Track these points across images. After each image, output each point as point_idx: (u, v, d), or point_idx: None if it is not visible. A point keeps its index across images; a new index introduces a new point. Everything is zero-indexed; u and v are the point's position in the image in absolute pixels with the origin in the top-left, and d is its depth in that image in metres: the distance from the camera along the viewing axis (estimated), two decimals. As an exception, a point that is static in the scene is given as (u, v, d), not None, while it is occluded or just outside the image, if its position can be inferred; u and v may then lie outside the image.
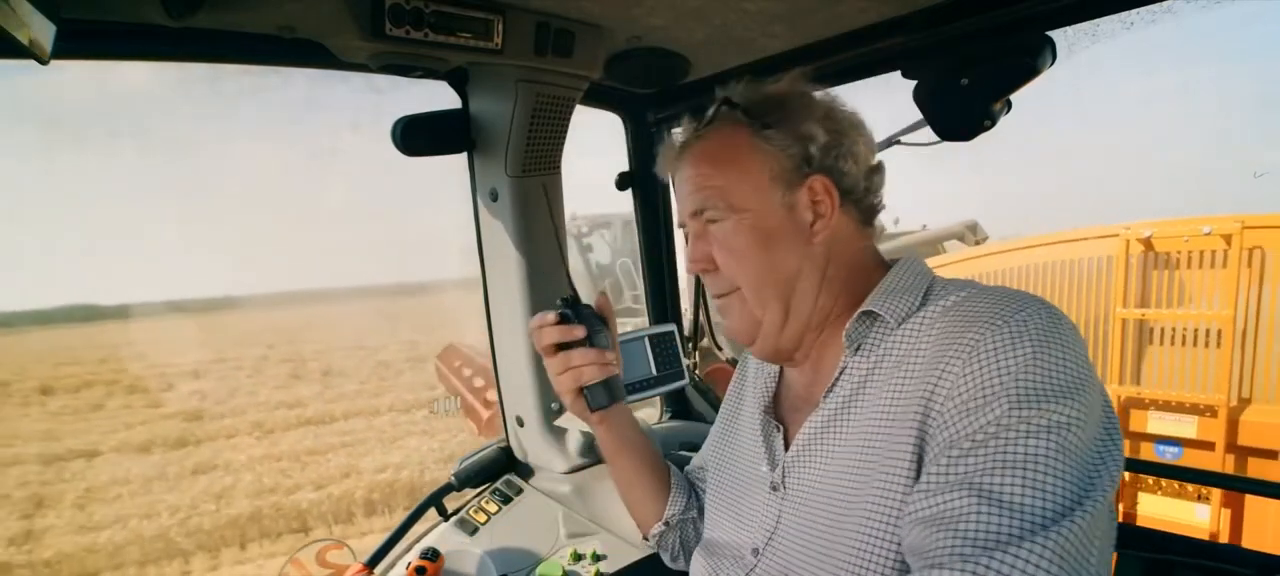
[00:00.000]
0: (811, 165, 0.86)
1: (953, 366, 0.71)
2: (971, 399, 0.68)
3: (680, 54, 1.45)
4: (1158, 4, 1.05)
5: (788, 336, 0.90)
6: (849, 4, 1.19)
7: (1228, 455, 3.61)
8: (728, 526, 0.98)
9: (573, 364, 1.00)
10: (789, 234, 0.87)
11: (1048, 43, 1.14)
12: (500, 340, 1.65)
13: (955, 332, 0.73)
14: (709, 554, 0.99)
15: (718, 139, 0.90)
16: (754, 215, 0.87)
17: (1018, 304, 0.72)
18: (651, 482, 1.14)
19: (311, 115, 73.35)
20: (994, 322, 0.70)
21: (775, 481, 0.89)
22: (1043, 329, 0.68)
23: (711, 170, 0.89)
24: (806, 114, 0.87)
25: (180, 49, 1.13)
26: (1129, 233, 3.90)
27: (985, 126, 1.21)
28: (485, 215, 1.55)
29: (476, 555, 1.46)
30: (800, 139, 0.86)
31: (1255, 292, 3.57)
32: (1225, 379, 3.60)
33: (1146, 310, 3.89)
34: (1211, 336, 3.69)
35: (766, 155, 0.86)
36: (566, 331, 1.00)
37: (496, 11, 1.17)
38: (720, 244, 0.90)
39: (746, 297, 0.90)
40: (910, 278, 0.86)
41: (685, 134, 0.96)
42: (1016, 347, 0.67)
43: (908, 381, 0.76)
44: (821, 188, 0.86)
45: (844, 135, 0.87)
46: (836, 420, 0.83)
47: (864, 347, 0.84)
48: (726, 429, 1.09)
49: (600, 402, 1.01)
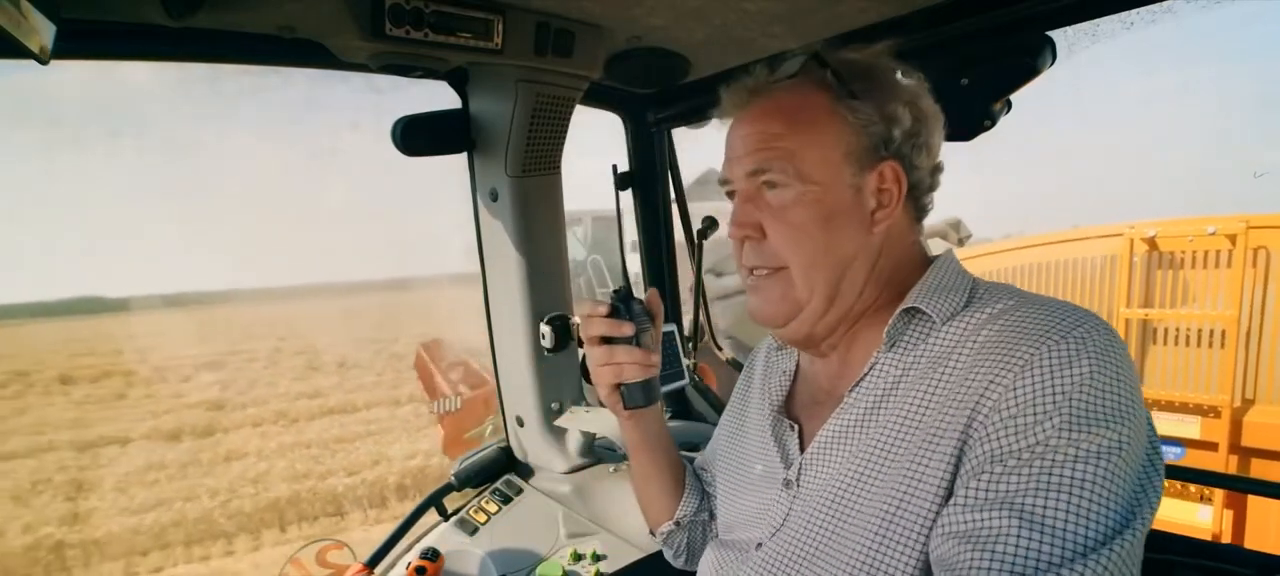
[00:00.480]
0: (889, 148, 0.80)
1: (1003, 379, 0.67)
2: (1020, 414, 0.65)
3: (680, 54, 1.45)
4: (1158, 4, 1.05)
5: (825, 323, 0.85)
6: (849, 4, 1.18)
7: (1231, 456, 3.60)
8: (737, 523, 0.96)
9: (616, 359, 0.96)
10: (851, 217, 0.81)
11: (1048, 43, 1.13)
12: (500, 340, 1.65)
13: (1007, 345, 0.69)
14: (718, 548, 0.98)
15: (798, 95, 0.82)
16: (821, 189, 0.80)
17: (1074, 319, 0.68)
18: (668, 481, 1.12)
19: (312, 115, 71.32)
20: (1049, 338, 0.67)
21: (789, 478, 0.87)
22: (1100, 348, 0.66)
23: (785, 129, 0.81)
24: (895, 92, 0.81)
25: (180, 49, 1.13)
26: (1133, 232, 3.90)
27: (985, 126, 1.21)
28: (485, 215, 1.55)
29: (476, 555, 1.46)
30: (885, 118, 0.80)
31: (1260, 293, 3.56)
32: (1229, 379, 3.59)
33: (1150, 310, 3.88)
34: (1215, 337, 3.68)
35: (847, 127, 0.80)
36: (614, 326, 0.95)
37: (496, 11, 1.17)
38: (775, 214, 0.83)
39: (793, 278, 0.83)
40: (953, 276, 0.82)
41: (755, 82, 0.86)
42: (1072, 366, 0.64)
43: (944, 385, 0.73)
44: (892, 175, 0.81)
45: (924, 124, 0.82)
46: (867, 420, 0.80)
47: (900, 344, 0.80)
48: (735, 427, 1.07)
49: (636, 402, 0.98)
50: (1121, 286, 3.94)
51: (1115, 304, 3.96)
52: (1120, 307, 3.93)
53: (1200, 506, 3.66)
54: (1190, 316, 3.76)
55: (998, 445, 0.66)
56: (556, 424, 1.62)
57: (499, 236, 1.53)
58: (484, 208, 1.54)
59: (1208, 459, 3.65)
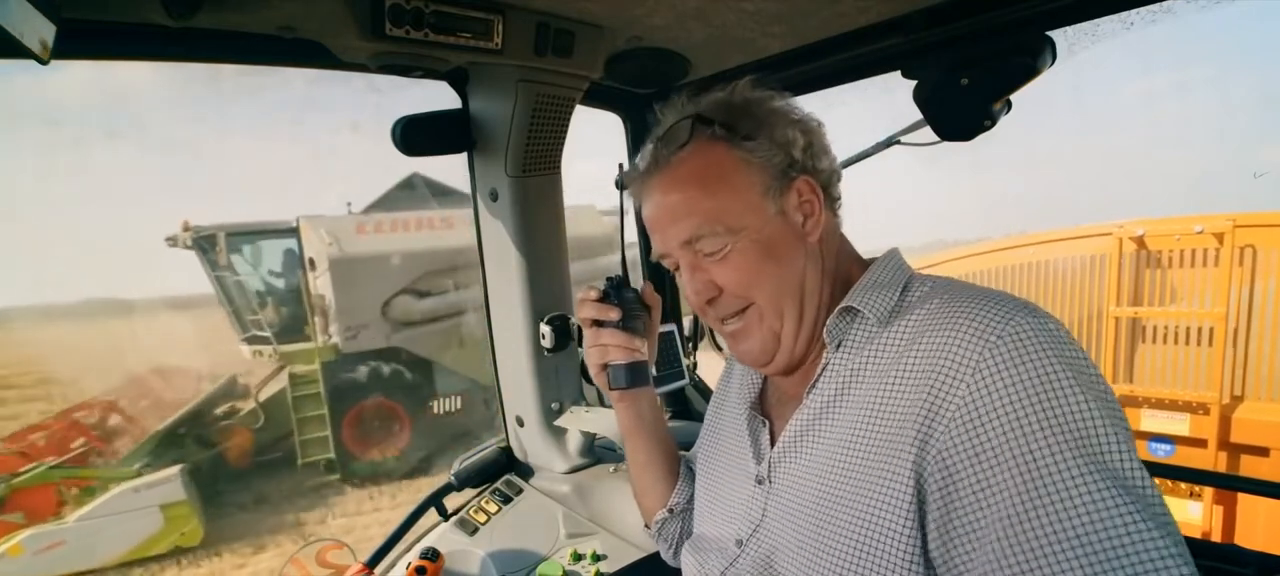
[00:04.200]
0: (794, 169, 0.85)
1: (956, 391, 0.69)
2: (1004, 447, 0.66)
3: (680, 54, 1.45)
4: (1158, 4, 1.06)
5: (801, 342, 0.88)
6: (849, 4, 1.19)
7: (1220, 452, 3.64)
8: (713, 520, 0.98)
9: (601, 341, 1.04)
10: (788, 239, 0.85)
11: (1048, 43, 1.14)
12: (500, 340, 1.65)
13: (947, 344, 0.72)
14: (695, 548, 1.00)
15: (699, 159, 0.86)
16: (753, 231, 0.84)
17: (1003, 311, 0.71)
18: (661, 468, 1.15)
19: (311, 115, 69.41)
20: (990, 342, 0.69)
21: (761, 475, 0.90)
22: (1048, 342, 0.68)
23: (700, 193, 0.85)
24: (780, 119, 0.86)
25: (180, 49, 1.13)
26: (1122, 231, 3.93)
27: (985, 126, 1.22)
28: (485, 215, 1.55)
29: (477, 555, 1.46)
30: (781, 145, 0.85)
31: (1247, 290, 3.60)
32: (1217, 376, 3.64)
33: (1139, 308, 3.92)
34: (1204, 334, 3.72)
35: (752, 167, 0.84)
36: (603, 310, 1.03)
37: (496, 11, 1.17)
38: (722, 267, 0.87)
39: (763, 311, 0.87)
40: (889, 272, 0.86)
41: (655, 157, 0.90)
42: (1057, 380, 0.66)
43: (898, 388, 0.75)
44: (807, 188, 0.85)
45: (813, 134, 0.87)
46: (822, 418, 0.83)
47: (846, 344, 0.83)
48: (713, 425, 1.10)
49: (619, 383, 1.05)
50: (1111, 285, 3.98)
51: (1105, 302, 4.00)
52: (1110, 306, 3.97)
53: (1190, 502, 3.70)
54: (1179, 314, 3.80)
55: (1007, 495, 0.65)
56: (556, 424, 1.62)
57: (499, 236, 1.53)
58: (484, 208, 1.54)
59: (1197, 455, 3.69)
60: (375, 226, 9.52)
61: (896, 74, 1.32)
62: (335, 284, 9.06)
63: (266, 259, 10.34)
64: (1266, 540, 3.36)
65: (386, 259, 9.30)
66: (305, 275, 9.48)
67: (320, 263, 9.12)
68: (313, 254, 9.26)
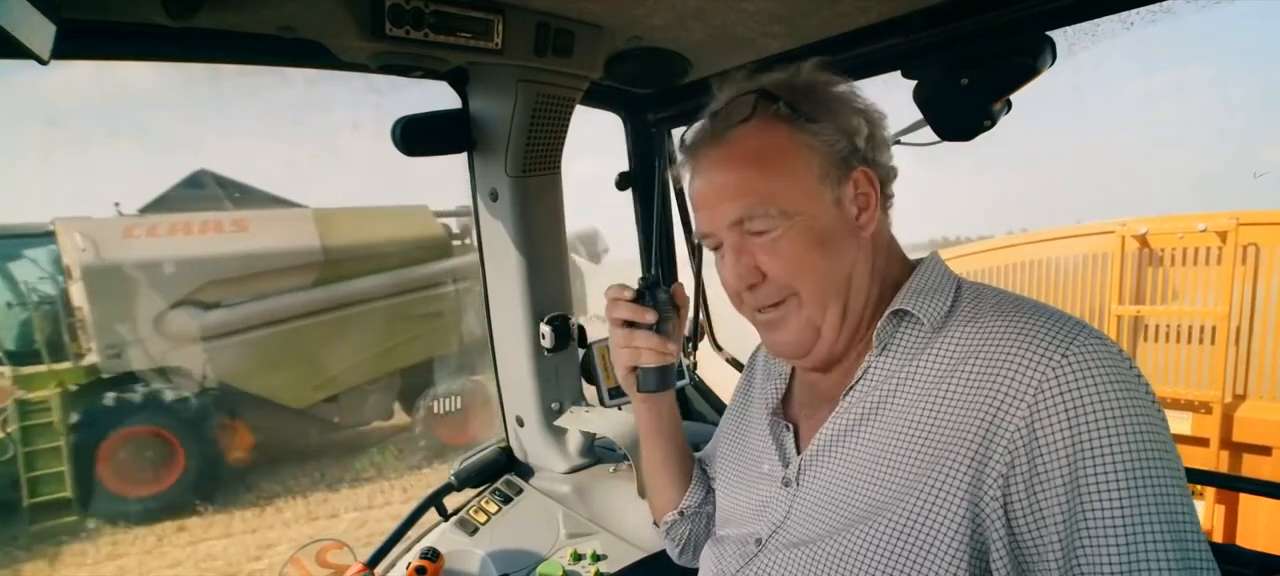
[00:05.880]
0: (856, 158, 0.82)
1: (1016, 412, 0.68)
2: (1060, 475, 0.66)
3: (680, 54, 1.45)
4: (1157, 4, 1.06)
5: (842, 339, 0.86)
6: (849, 4, 1.19)
7: (1222, 451, 3.63)
8: (736, 518, 0.97)
9: (634, 343, 0.99)
10: (840, 231, 0.82)
11: (1048, 43, 1.14)
12: (500, 340, 1.65)
13: (1007, 363, 0.71)
14: (716, 544, 0.99)
15: (759, 136, 0.82)
16: (807, 217, 0.81)
17: (1066, 332, 0.70)
18: (677, 470, 1.13)
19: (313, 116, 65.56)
20: (1054, 362, 0.68)
21: (789, 477, 0.88)
22: (1111, 368, 0.67)
23: (757, 173, 0.81)
24: (844, 105, 0.83)
25: (180, 49, 1.13)
26: (1124, 229, 3.92)
27: (985, 126, 1.21)
28: (485, 215, 1.55)
29: (477, 555, 1.46)
30: (845, 132, 0.81)
31: (1250, 289, 3.58)
32: (1220, 375, 3.62)
33: (1141, 306, 3.90)
34: (1206, 333, 3.71)
35: (813, 152, 0.81)
36: (638, 311, 0.98)
37: (496, 11, 1.17)
38: (769, 252, 0.83)
39: (804, 303, 0.84)
40: (939, 277, 0.83)
41: (712, 131, 0.86)
42: (1117, 409, 0.65)
43: (951, 404, 0.73)
44: (866, 180, 0.82)
45: (877, 126, 0.84)
46: (862, 424, 0.81)
47: (892, 349, 0.81)
48: (736, 424, 1.08)
49: (650, 387, 1.02)
50: (1113, 283, 3.96)
51: (1107, 301, 3.99)
52: (1112, 304, 3.95)
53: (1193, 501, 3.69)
54: (1181, 313, 3.78)
55: (1067, 509, 0.66)
56: (556, 424, 1.62)
57: (499, 236, 1.53)
58: (484, 208, 1.54)
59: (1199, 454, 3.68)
60: (149, 229, 7.95)
61: (896, 74, 1.32)
62: (91, 295, 7.52)
63: (21, 267, 8.44)
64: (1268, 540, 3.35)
65: (159, 266, 7.73)
66: (68, 286, 7.97)
67: (76, 271, 7.61)
68: (69, 261, 7.79)
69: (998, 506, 0.69)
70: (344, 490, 7.86)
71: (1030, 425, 0.67)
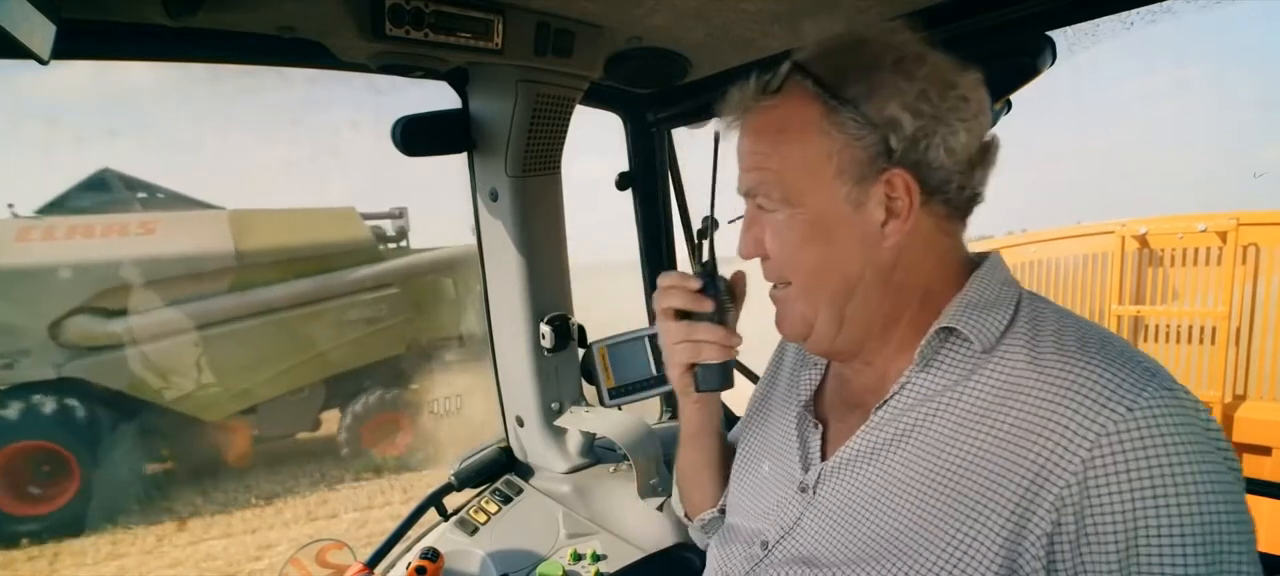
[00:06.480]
0: (891, 158, 0.71)
1: (1069, 461, 0.62)
2: (1114, 536, 0.61)
3: (680, 54, 1.45)
4: (1157, 4, 1.06)
5: (845, 340, 0.80)
6: (848, 4, 1.19)
7: (1222, 451, 3.63)
8: (744, 511, 0.92)
9: (696, 337, 0.88)
10: (852, 233, 0.74)
11: (1048, 43, 1.14)
12: (500, 340, 1.65)
13: (1064, 403, 0.64)
14: (722, 542, 0.95)
15: (782, 110, 0.75)
16: (811, 211, 0.74)
17: (1135, 378, 0.63)
18: (720, 470, 1.06)
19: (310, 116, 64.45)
20: (1126, 411, 0.61)
21: (806, 483, 0.82)
22: (1183, 424, 0.61)
23: (768, 149, 0.76)
24: (895, 90, 0.70)
25: (180, 49, 1.13)
26: (1124, 229, 3.92)
27: (985, 126, 1.21)
28: (485, 215, 1.55)
29: (477, 555, 1.46)
30: (881, 125, 0.70)
31: (1250, 289, 3.59)
32: (1220, 375, 3.63)
33: (1141, 307, 3.91)
34: (1206, 333, 3.71)
35: (835, 141, 0.72)
36: (699, 300, 0.88)
37: (496, 11, 1.17)
38: (773, 233, 0.78)
39: (797, 294, 0.79)
40: (995, 289, 0.75)
41: (742, 96, 0.80)
42: (1184, 475, 0.59)
43: (998, 440, 0.67)
44: (901, 184, 0.71)
45: (940, 122, 0.71)
46: (894, 445, 0.74)
47: (935, 365, 0.74)
48: (759, 410, 1.02)
49: (712, 385, 0.92)
50: (1113, 284, 3.97)
51: (1107, 301, 3.99)
52: (1112, 305, 3.96)
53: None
54: (1181, 313, 3.79)
55: None
56: (556, 424, 1.62)
57: (499, 236, 1.53)
58: (484, 208, 1.54)
59: (1199, 454, 3.68)
60: (45, 231, 7.43)
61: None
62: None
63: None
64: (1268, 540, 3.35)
65: (56, 271, 7.20)
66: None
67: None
68: (-47, 265, 7.24)
69: (1039, 566, 0.63)
70: (261, 509, 7.44)
71: (1083, 481, 0.61)
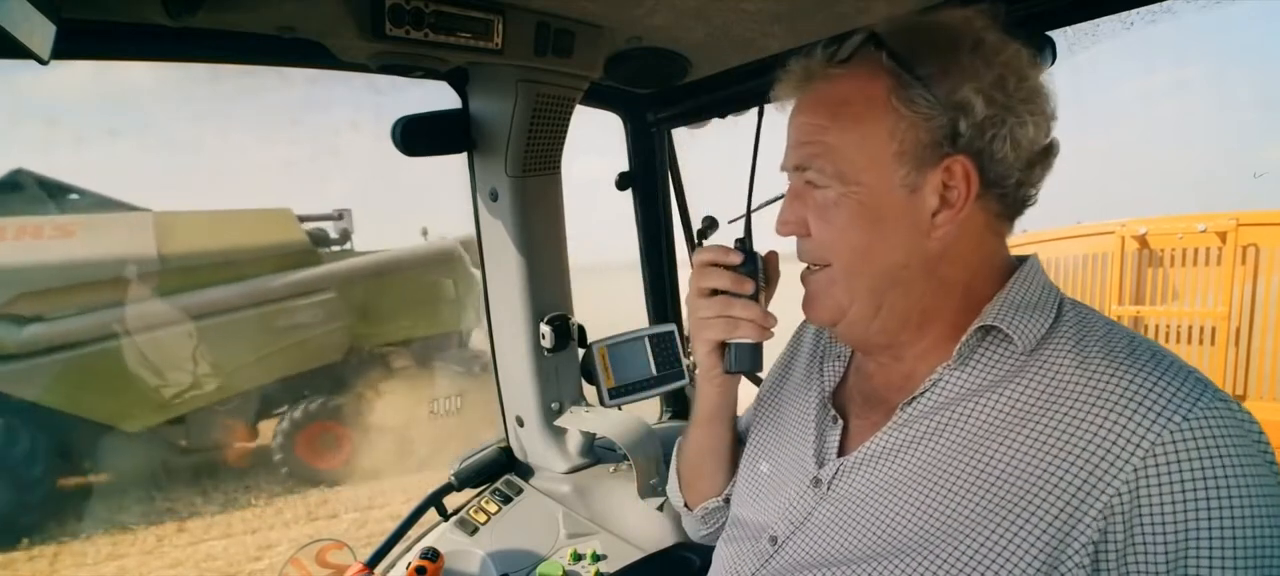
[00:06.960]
0: (956, 144, 0.68)
1: (1119, 473, 0.61)
2: (1163, 552, 0.60)
3: (680, 54, 1.45)
4: (1157, 4, 1.06)
5: (878, 330, 0.77)
6: (849, 4, 1.19)
7: (1222, 451, 3.64)
8: (752, 504, 0.90)
9: (732, 313, 0.86)
10: (902, 221, 0.71)
11: (1048, 43, 1.14)
12: (500, 340, 1.65)
13: (1114, 412, 0.62)
14: (729, 540, 0.93)
15: (851, 84, 0.72)
16: (864, 191, 0.71)
17: (1188, 389, 0.62)
18: (728, 456, 1.03)
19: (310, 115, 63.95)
20: (1181, 422, 0.60)
21: (821, 479, 0.80)
22: (1238, 438, 0.60)
23: (829, 122, 0.72)
24: (971, 74, 0.67)
25: (180, 49, 1.13)
26: (1124, 229, 3.93)
27: (985, 126, 1.21)
28: (485, 215, 1.55)
29: (477, 555, 1.46)
30: (952, 108, 0.67)
31: (1250, 289, 3.59)
32: (1220, 375, 3.63)
33: (1141, 306, 3.91)
34: (1206, 333, 3.72)
35: (902, 121, 0.69)
36: (738, 280, 0.86)
37: (496, 11, 1.17)
38: (818, 212, 0.75)
39: (836, 277, 0.76)
40: (1038, 291, 0.73)
41: (808, 64, 0.76)
42: (1239, 489, 0.58)
43: (1040, 447, 0.65)
44: (961, 172, 0.69)
45: (1011, 112, 0.68)
46: (921, 443, 0.72)
47: (971, 365, 0.72)
48: (772, 400, 0.99)
49: (743, 366, 0.89)
50: (1113, 284, 3.97)
51: (1107, 301, 3.99)
52: (1112, 305, 3.96)
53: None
54: (1181, 313, 3.79)
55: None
56: (556, 424, 1.62)
57: (499, 236, 1.53)
58: (484, 208, 1.54)
59: (1199, 454, 3.69)
60: None
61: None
62: None
63: None
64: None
65: None
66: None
67: None
68: None
69: (1082, 574, 0.62)
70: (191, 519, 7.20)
71: (1134, 491, 0.60)
